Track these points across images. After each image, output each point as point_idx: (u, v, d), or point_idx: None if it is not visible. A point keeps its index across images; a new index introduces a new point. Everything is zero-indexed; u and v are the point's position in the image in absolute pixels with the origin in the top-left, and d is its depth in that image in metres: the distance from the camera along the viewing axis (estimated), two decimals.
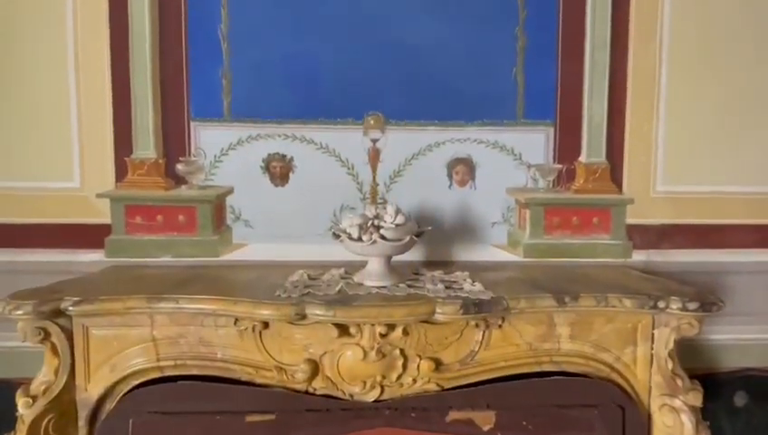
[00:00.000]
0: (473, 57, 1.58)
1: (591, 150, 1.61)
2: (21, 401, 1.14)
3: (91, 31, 1.52)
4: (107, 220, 1.56)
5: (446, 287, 1.25)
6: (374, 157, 1.59)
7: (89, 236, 1.55)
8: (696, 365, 1.54)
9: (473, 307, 1.13)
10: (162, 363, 1.20)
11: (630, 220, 1.63)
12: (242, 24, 1.55)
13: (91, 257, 1.55)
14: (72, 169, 1.55)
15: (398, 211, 1.26)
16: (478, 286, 1.25)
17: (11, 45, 1.51)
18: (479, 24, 1.57)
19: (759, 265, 1.66)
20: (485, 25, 1.57)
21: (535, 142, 1.61)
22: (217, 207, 1.59)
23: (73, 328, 1.19)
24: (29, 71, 1.52)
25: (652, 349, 1.26)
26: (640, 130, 1.62)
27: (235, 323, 1.18)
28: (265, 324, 1.18)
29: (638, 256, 1.63)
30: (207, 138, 1.58)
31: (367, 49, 1.56)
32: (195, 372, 1.20)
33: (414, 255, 1.44)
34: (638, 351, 1.26)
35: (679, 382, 1.24)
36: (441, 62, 1.57)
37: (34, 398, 1.14)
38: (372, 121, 1.58)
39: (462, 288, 1.25)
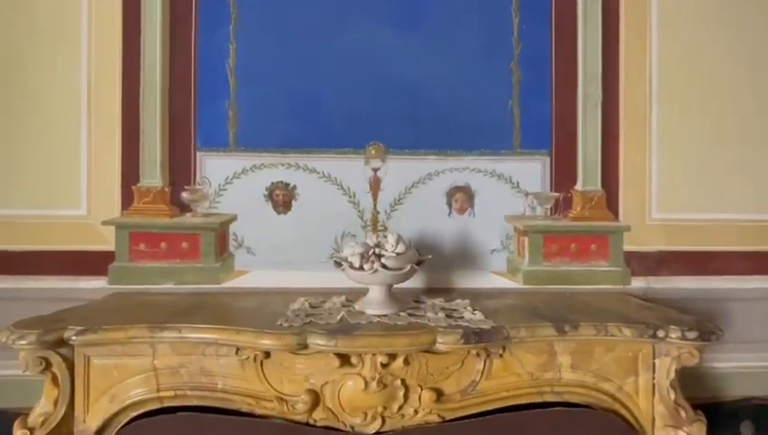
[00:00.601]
0: (470, 90, 1.64)
1: (587, 179, 1.65)
2: (18, 433, 1.12)
3: (105, 64, 1.58)
4: (111, 247, 1.58)
5: (447, 316, 1.26)
6: (375, 185, 1.63)
7: (93, 262, 1.57)
8: (699, 394, 1.53)
9: (473, 337, 1.14)
10: (162, 394, 1.20)
11: (628, 247, 1.66)
12: (249, 60, 1.62)
13: (93, 284, 1.56)
14: (79, 197, 1.59)
15: (398, 240, 1.29)
16: (479, 315, 1.26)
17: (25, 75, 1.57)
18: (476, 58, 1.65)
19: (756, 292, 1.67)
20: (482, 60, 1.65)
21: (532, 171, 1.65)
22: (220, 235, 1.61)
23: (75, 358, 1.19)
24: (42, 101, 1.58)
25: (654, 379, 1.25)
26: (634, 160, 1.66)
27: (236, 353, 1.18)
28: (267, 354, 1.18)
29: (638, 283, 1.65)
30: (213, 167, 1.62)
31: (368, 82, 1.62)
32: (195, 402, 1.19)
33: (415, 282, 1.46)
34: (640, 380, 1.26)
35: (683, 413, 1.23)
36: (440, 94, 1.63)
37: (32, 430, 1.13)
38: (373, 151, 1.63)
39: (462, 317, 1.26)
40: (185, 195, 1.60)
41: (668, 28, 1.67)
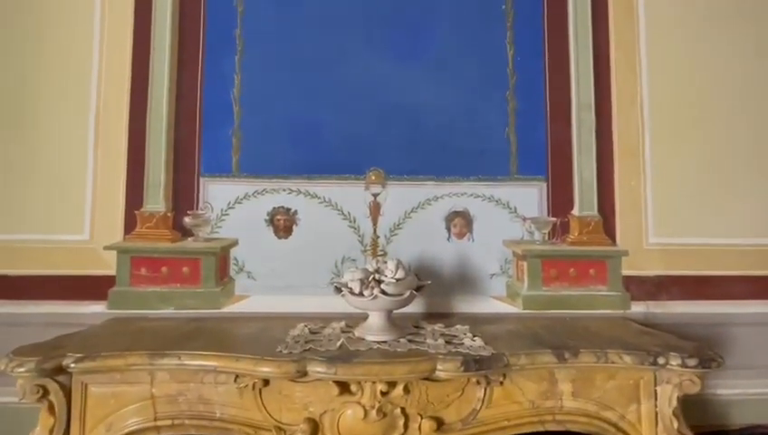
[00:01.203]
0: (468, 118, 1.69)
1: (584, 204, 1.68)
2: None
3: (114, 92, 1.63)
4: (113, 272, 1.59)
5: (447, 342, 1.26)
6: (375, 210, 1.65)
7: (94, 287, 1.58)
8: (703, 422, 1.51)
9: (473, 364, 1.14)
10: (159, 423, 1.18)
11: (626, 272, 1.66)
12: (253, 89, 1.68)
13: (93, 309, 1.56)
14: (83, 223, 1.61)
15: (398, 265, 1.30)
16: (478, 341, 1.26)
17: (35, 103, 1.62)
18: (473, 88, 1.70)
19: (758, 317, 1.67)
20: (479, 90, 1.70)
21: (529, 196, 1.68)
22: (221, 259, 1.62)
23: (72, 385, 1.18)
24: (51, 127, 1.62)
25: (656, 407, 1.24)
26: (629, 185, 1.70)
27: (235, 381, 1.17)
28: (266, 382, 1.18)
29: (637, 308, 1.65)
30: (215, 192, 1.65)
31: (368, 110, 1.67)
32: (192, 432, 1.18)
33: (415, 307, 1.46)
34: (642, 409, 1.24)
35: None
36: (438, 122, 1.68)
37: None
38: (373, 177, 1.66)
39: (462, 343, 1.25)
40: (187, 220, 1.62)
41: (657, 58, 1.73)
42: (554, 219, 1.67)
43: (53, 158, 1.61)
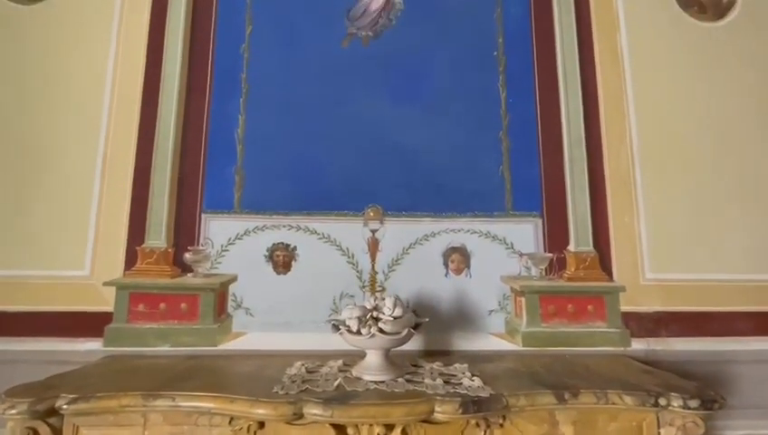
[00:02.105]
0: (463, 156, 1.74)
1: (579, 240, 1.70)
2: None
3: (122, 132, 1.70)
4: (110, 308, 1.59)
5: (445, 382, 1.24)
6: (373, 246, 1.67)
7: (90, 324, 1.57)
8: None
9: (472, 406, 1.12)
10: None
11: (625, 308, 1.66)
12: (256, 128, 1.74)
13: (88, 346, 1.55)
14: (84, 258, 1.62)
15: (396, 303, 1.30)
16: (477, 382, 1.25)
17: (45, 139, 1.67)
18: (467, 128, 1.77)
19: (761, 354, 1.65)
20: (473, 129, 1.77)
21: (525, 232, 1.71)
22: (220, 295, 1.63)
23: (64, 427, 1.15)
24: (58, 165, 1.66)
25: None
26: (622, 220, 1.73)
27: (230, 423, 1.15)
28: (261, 424, 1.15)
29: (638, 345, 1.63)
30: (216, 228, 1.68)
31: (367, 149, 1.73)
32: None
33: (413, 344, 1.45)
34: None
35: None
36: (435, 160, 1.74)
37: None
38: (372, 213, 1.69)
39: (461, 383, 1.24)
40: (187, 256, 1.64)
41: (643, 99, 1.80)
42: (551, 255, 1.69)
43: (59, 194, 1.65)
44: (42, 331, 1.56)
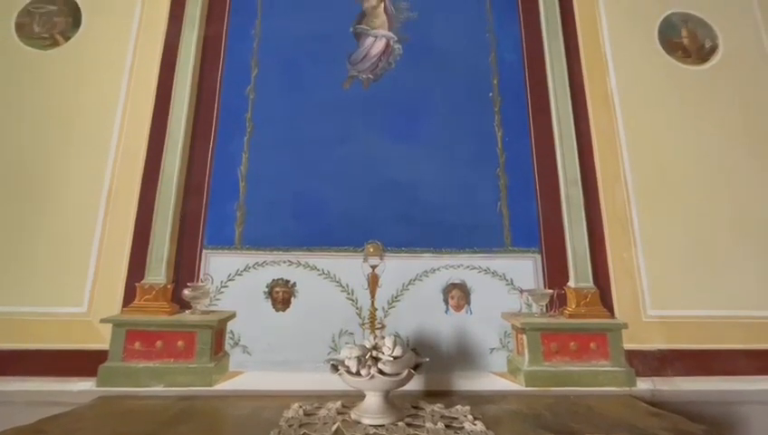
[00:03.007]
0: (462, 193, 1.78)
1: (579, 276, 1.70)
2: None
3: (128, 170, 1.73)
4: (106, 346, 1.56)
5: (447, 426, 1.20)
6: (373, 282, 1.67)
7: (85, 362, 1.54)
8: None
9: None
10: None
11: (628, 346, 1.64)
12: (259, 166, 1.78)
13: (81, 387, 1.51)
14: (82, 295, 1.62)
15: (395, 342, 1.29)
16: (480, 426, 1.21)
17: (51, 176, 1.70)
18: (465, 165, 1.81)
19: None
20: (471, 167, 1.81)
21: (524, 268, 1.71)
22: (218, 333, 1.60)
23: None
24: (63, 201, 1.69)
25: None
26: (621, 256, 1.74)
27: None
28: None
29: (643, 385, 1.59)
30: (217, 264, 1.68)
31: (367, 186, 1.76)
32: None
33: (414, 384, 1.41)
34: None
35: None
36: (434, 197, 1.77)
37: None
38: (372, 249, 1.70)
39: (463, 427, 1.20)
40: (186, 292, 1.63)
41: (635, 137, 1.86)
42: (551, 291, 1.68)
43: (62, 229, 1.67)
44: (34, 370, 1.52)
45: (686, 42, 2.03)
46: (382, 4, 2.01)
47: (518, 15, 2.00)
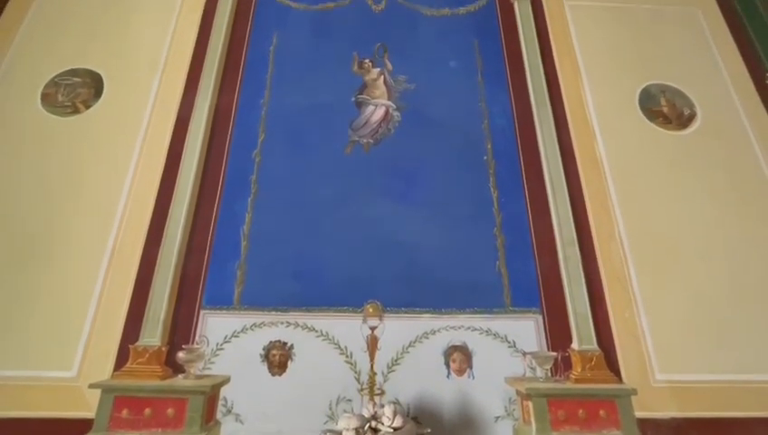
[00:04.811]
0: (461, 252, 1.80)
1: (582, 338, 1.67)
2: None
3: (133, 231, 1.77)
4: (92, 414, 1.49)
5: None
6: (372, 344, 1.63)
7: (70, 432, 1.46)
8: None
9: None
10: None
11: (639, 413, 1.56)
12: (262, 226, 1.83)
13: None
14: (73, 358, 1.58)
15: (396, 411, 1.24)
16: None
17: (55, 236, 1.73)
18: (463, 224, 1.86)
19: None
20: (469, 225, 1.86)
21: (526, 329, 1.68)
22: (210, 399, 1.54)
23: None
24: (65, 261, 1.70)
25: None
26: (623, 316, 1.72)
27: None
28: None
29: None
30: (214, 325, 1.66)
31: (367, 246, 1.79)
32: None
33: None
34: None
35: None
36: (432, 256, 1.79)
37: None
38: (371, 309, 1.69)
39: None
40: (181, 355, 1.59)
41: (626, 199, 1.92)
42: (555, 354, 1.64)
43: (60, 288, 1.66)
44: None
45: (666, 109, 2.17)
46: (382, 77, 2.18)
47: (507, 87, 2.17)
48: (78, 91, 2.08)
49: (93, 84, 2.09)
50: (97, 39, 2.16)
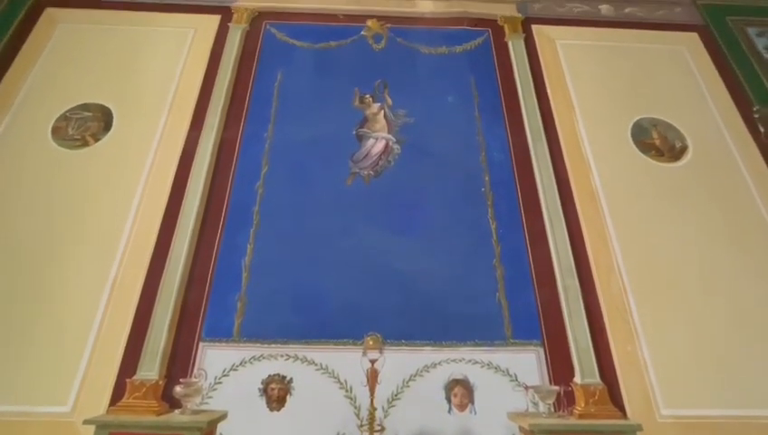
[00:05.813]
0: (460, 284, 1.81)
1: (584, 371, 1.65)
2: None
3: (134, 264, 1.77)
4: None
5: None
6: (372, 378, 1.61)
7: None
8: None
9: None
10: None
11: None
12: (263, 258, 1.84)
13: None
14: (68, 392, 1.55)
15: None
16: None
17: (56, 268, 1.73)
18: (463, 256, 1.87)
19: None
20: (468, 257, 1.87)
21: (527, 362, 1.67)
22: None
23: None
24: (65, 293, 1.70)
25: None
26: (625, 349, 1.70)
27: None
28: None
29: None
30: (213, 358, 1.64)
31: (367, 278, 1.80)
32: None
33: None
34: None
35: None
36: (432, 288, 1.79)
37: None
38: (371, 342, 1.68)
39: None
40: (178, 389, 1.56)
41: (623, 230, 1.94)
42: (557, 388, 1.62)
43: (59, 320, 1.65)
44: None
45: (658, 142, 2.24)
46: (382, 111, 2.26)
47: (504, 121, 2.24)
48: (88, 124, 2.14)
49: (103, 118, 2.16)
50: (109, 75, 2.25)
